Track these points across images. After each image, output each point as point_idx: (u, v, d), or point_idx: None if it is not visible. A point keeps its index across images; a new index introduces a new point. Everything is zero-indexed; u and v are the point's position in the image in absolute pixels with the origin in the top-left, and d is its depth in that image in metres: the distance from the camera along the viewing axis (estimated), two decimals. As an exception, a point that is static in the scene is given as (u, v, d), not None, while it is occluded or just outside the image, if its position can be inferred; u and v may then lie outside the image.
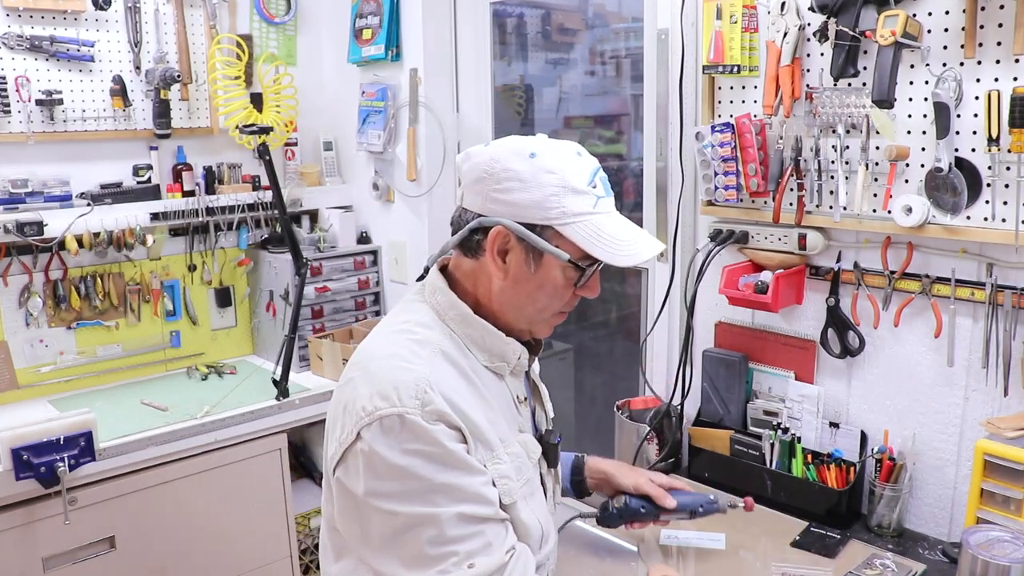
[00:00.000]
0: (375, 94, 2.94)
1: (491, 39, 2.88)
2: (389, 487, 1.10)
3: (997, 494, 1.54)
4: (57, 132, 2.59)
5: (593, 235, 1.15)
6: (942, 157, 1.62)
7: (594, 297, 1.25)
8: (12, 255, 2.52)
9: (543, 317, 1.25)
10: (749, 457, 1.98)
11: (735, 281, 1.98)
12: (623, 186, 2.71)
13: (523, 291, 1.21)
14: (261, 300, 3.05)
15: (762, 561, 1.72)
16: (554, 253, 1.16)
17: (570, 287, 1.21)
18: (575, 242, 1.15)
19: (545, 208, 1.15)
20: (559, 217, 1.15)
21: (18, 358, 2.60)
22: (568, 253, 1.16)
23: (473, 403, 1.18)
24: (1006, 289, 1.64)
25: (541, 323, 1.26)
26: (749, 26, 1.90)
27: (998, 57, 1.56)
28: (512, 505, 1.19)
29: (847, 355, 1.91)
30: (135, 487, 2.29)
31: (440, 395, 1.13)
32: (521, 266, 1.19)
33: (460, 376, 1.20)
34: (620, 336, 2.78)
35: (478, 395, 1.20)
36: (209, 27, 2.86)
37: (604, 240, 1.15)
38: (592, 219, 1.16)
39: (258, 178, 2.96)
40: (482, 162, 1.19)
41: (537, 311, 1.23)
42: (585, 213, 1.16)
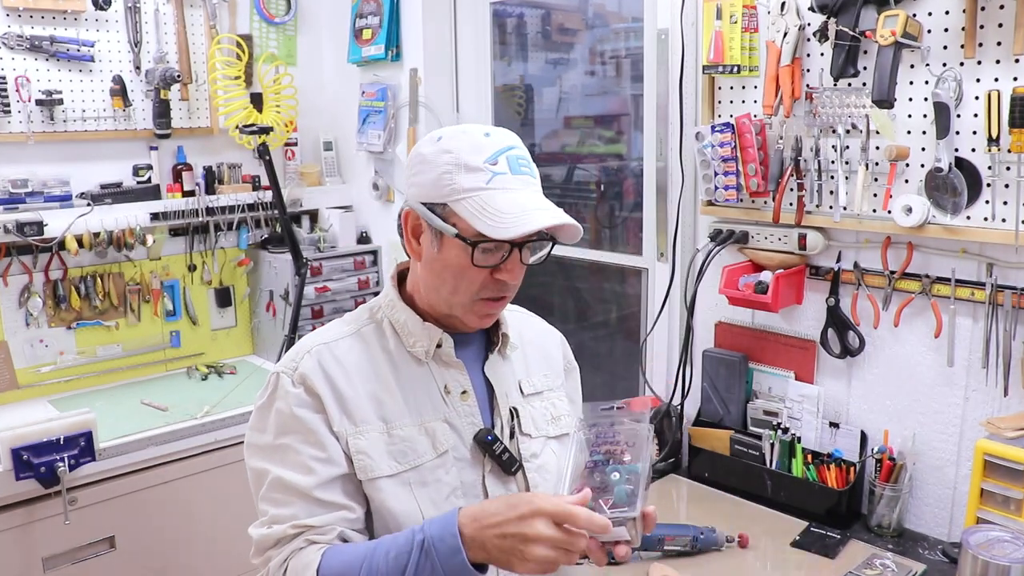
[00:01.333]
0: (375, 94, 2.94)
1: (491, 39, 2.88)
2: (250, 436, 1.24)
3: (997, 494, 1.54)
4: (57, 132, 2.59)
5: (479, 210, 1.12)
6: (942, 157, 1.62)
7: (513, 282, 1.19)
8: (12, 255, 2.52)
9: (461, 301, 1.19)
10: (749, 457, 1.98)
11: (735, 281, 1.98)
12: (623, 186, 2.71)
13: (434, 272, 1.20)
14: (261, 300, 3.05)
15: (762, 561, 1.72)
16: (443, 228, 1.15)
17: (480, 269, 1.16)
18: (463, 217, 1.13)
19: (440, 186, 1.15)
20: (451, 194, 1.14)
21: (18, 358, 2.60)
22: (458, 229, 1.14)
23: (360, 377, 1.20)
24: (1006, 289, 1.64)
25: (462, 309, 1.20)
26: (749, 26, 1.90)
27: (998, 57, 1.56)
28: (372, 484, 1.16)
29: (847, 355, 1.91)
30: (135, 487, 2.29)
31: (316, 362, 1.19)
32: (429, 247, 1.19)
33: (363, 352, 1.23)
34: (620, 336, 2.78)
35: (378, 373, 1.21)
36: (209, 27, 2.86)
37: (488, 214, 1.11)
38: (482, 194, 1.12)
39: (258, 178, 2.96)
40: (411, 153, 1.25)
41: (451, 294, 1.19)
42: (476, 189, 1.12)
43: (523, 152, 1.19)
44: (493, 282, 1.18)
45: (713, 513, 1.90)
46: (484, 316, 1.23)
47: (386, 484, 1.17)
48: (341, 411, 1.18)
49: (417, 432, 1.20)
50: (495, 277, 1.17)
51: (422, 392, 1.23)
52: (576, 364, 1.49)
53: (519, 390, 1.33)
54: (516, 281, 1.20)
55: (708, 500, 1.99)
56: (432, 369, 1.25)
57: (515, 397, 1.32)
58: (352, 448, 1.17)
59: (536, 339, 1.42)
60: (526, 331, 1.40)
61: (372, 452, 1.17)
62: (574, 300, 2.97)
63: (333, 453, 1.16)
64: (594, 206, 2.79)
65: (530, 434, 1.30)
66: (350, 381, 1.20)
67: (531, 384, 1.35)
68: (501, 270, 1.17)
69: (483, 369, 1.29)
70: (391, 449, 1.18)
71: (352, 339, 1.25)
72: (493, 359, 1.30)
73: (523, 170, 1.16)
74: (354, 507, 1.17)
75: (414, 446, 1.19)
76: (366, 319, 1.28)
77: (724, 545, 1.74)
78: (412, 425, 1.20)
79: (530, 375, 1.36)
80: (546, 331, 1.46)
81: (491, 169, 1.14)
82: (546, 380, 1.38)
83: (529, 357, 1.38)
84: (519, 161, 1.17)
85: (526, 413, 1.31)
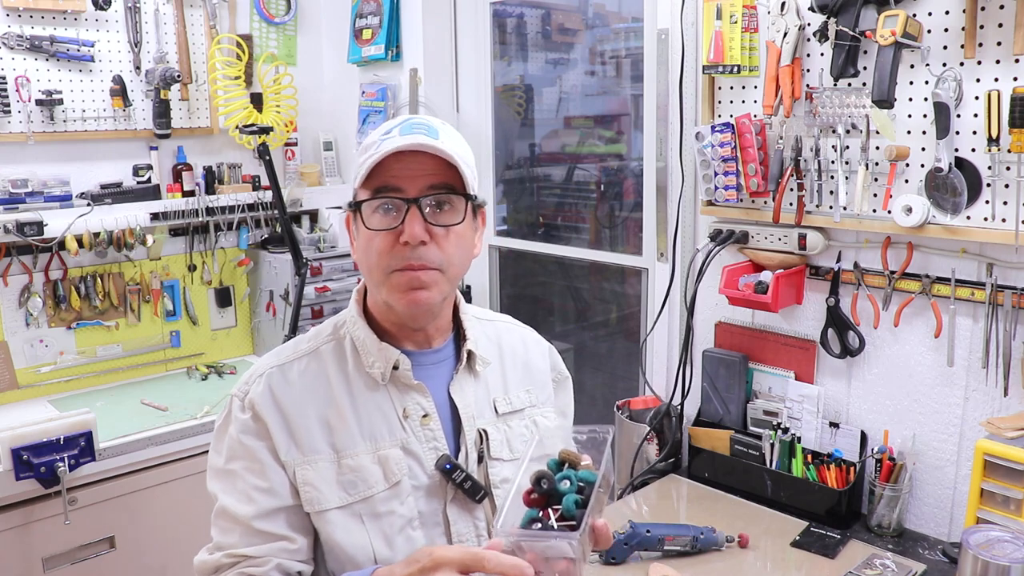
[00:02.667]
0: (375, 94, 2.94)
1: (491, 39, 2.88)
2: (209, 456, 1.21)
3: (997, 494, 1.54)
4: (57, 132, 2.59)
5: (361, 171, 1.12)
6: (942, 157, 1.62)
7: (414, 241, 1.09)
8: (12, 255, 2.52)
9: (378, 280, 1.13)
10: (749, 457, 1.98)
11: (735, 281, 1.98)
12: (623, 186, 2.71)
13: (360, 259, 1.17)
14: (261, 300, 3.05)
15: (762, 561, 1.72)
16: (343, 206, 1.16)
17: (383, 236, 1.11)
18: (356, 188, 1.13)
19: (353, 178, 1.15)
20: (356, 175, 1.13)
21: (18, 358, 2.60)
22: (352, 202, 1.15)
23: (312, 403, 1.15)
24: (1006, 289, 1.64)
25: (386, 290, 1.13)
26: (749, 26, 1.90)
27: (998, 57, 1.56)
28: (320, 516, 1.12)
29: (847, 355, 1.91)
30: (135, 487, 2.29)
31: (267, 386, 1.16)
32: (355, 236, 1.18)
33: (318, 375, 1.18)
34: (620, 336, 2.78)
35: (331, 397, 1.16)
36: (209, 27, 2.86)
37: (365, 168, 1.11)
38: (369, 160, 1.10)
39: (258, 178, 2.96)
40: None
41: (369, 274, 1.15)
42: (366, 159, 1.11)
43: (428, 120, 1.14)
44: (400, 249, 1.10)
45: (713, 513, 1.90)
46: (408, 291, 1.12)
47: (335, 516, 1.12)
48: (289, 439, 1.14)
49: (369, 461, 1.14)
50: (400, 242, 1.10)
51: (378, 417, 1.16)
52: (568, 374, 1.42)
53: (493, 409, 1.25)
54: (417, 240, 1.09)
55: (708, 500, 1.99)
56: (390, 392, 1.18)
57: (487, 417, 1.24)
58: (299, 479, 1.12)
59: (519, 351, 1.33)
60: (507, 344, 1.32)
61: (319, 483, 1.12)
62: (574, 300, 2.97)
63: (276, 484, 1.12)
64: (594, 206, 2.79)
65: (502, 457, 1.22)
66: (301, 407, 1.15)
67: (508, 402, 1.27)
68: (401, 231, 1.09)
69: (448, 390, 1.22)
70: (341, 479, 1.13)
71: (308, 359, 1.20)
72: (459, 378, 1.23)
73: (416, 130, 1.11)
74: (295, 538, 1.13)
75: (365, 476, 1.13)
76: (328, 336, 1.23)
77: (724, 545, 1.74)
78: (365, 453, 1.14)
79: (508, 392, 1.28)
80: (530, 342, 1.37)
81: (383, 139, 1.11)
82: (528, 396, 1.30)
83: (508, 372, 1.29)
84: (415, 125, 1.12)
85: (499, 435, 1.23)
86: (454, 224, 1.13)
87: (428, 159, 1.11)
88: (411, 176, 1.11)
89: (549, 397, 1.35)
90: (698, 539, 1.71)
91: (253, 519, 1.11)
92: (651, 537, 1.69)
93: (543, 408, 1.32)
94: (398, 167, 1.10)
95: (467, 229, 1.16)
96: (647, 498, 2.01)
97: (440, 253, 1.12)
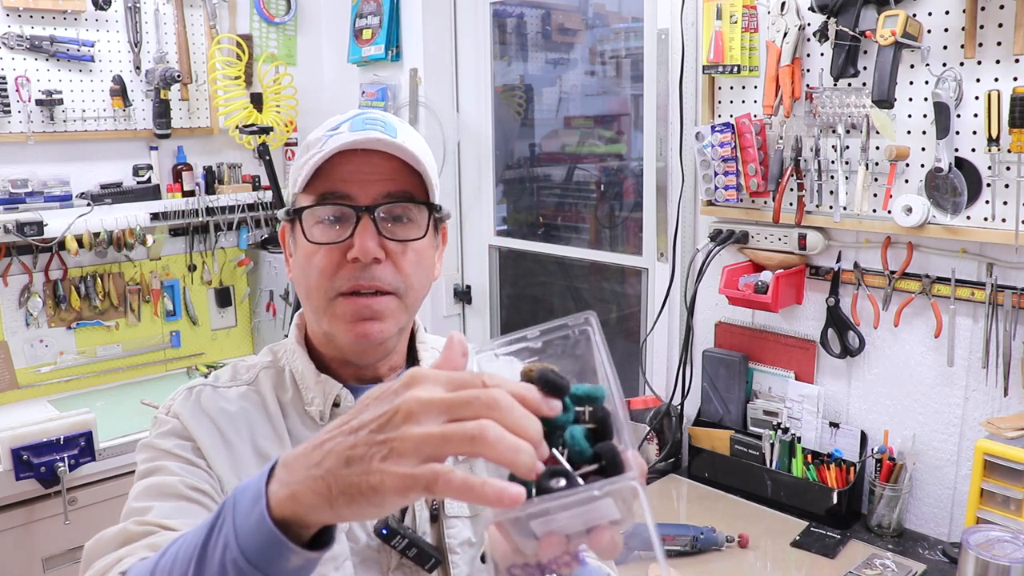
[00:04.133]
0: (375, 94, 2.94)
1: (491, 39, 2.88)
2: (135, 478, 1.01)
3: (997, 494, 1.54)
4: (57, 132, 2.59)
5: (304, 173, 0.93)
6: (942, 157, 1.62)
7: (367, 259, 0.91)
8: (12, 255, 2.52)
9: (320, 304, 0.95)
10: (749, 457, 1.98)
11: (735, 281, 1.98)
12: (623, 186, 2.71)
13: (296, 278, 0.99)
14: (261, 300, 3.05)
15: (762, 561, 1.72)
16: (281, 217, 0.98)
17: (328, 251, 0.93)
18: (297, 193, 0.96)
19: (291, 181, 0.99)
20: (294, 183, 0.96)
21: (18, 358, 2.60)
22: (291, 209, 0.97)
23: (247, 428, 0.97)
24: (1006, 289, 1.64)
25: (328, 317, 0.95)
26: (749, 26, 1.90)
27: (998, 57, 1.56)
28: None
29: (847, 355, 1.91)
30: (135, 487, 2.29)
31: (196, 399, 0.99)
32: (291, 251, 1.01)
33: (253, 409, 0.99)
34: (620, 336, 2.78)
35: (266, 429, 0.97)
36: (209, 27, 2.86)
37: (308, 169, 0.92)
38: (313, 159, 0.91)
39: (258, 178, 2.96)
40: None
41: (307, 297, 0.96)
42: (309, 158, 0.92)
43: (383, 115, 0.96)
44: (349, 268, 0.92)
45: (713, 513, 1.90)
46: (355, 321, 0.94)
47: None
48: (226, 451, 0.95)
49: None
50: (349, 259, 0.92)
51: None
52: None
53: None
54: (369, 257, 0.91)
55: (708, 500, 1.99)
56: None
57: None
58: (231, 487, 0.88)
59: None
60: None
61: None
62: (574, 300, 2.97)
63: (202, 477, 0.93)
64: (594, 206, 2.79)
65: (461, 515, 1.00)
66: (235, 426, 0.97)
67: None
68: (351, 245, 0.91)
69: None
70: None
71: (244, 391, 1.01)
72: None
73: (369, 126, 0.93)
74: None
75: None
76: (267, 363, 1.05)
77: (724, 545, 1.73)
78: None
79: None
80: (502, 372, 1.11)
81: (330, 135, 0.93)
82: None
83: None
84: (367, 121, 0.94)
85: None
86: (414, 239, 0.95)
87: (384, 160, 0.93)
88: (363, 180, 0.92)
89: None
90: (698, 539, 1.71)
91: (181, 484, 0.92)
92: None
93: None
94: (348, 169, 0.92)
95: (427, 246, 0.98)
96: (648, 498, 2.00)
97: (396, 274, 0.94)
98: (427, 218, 0.96)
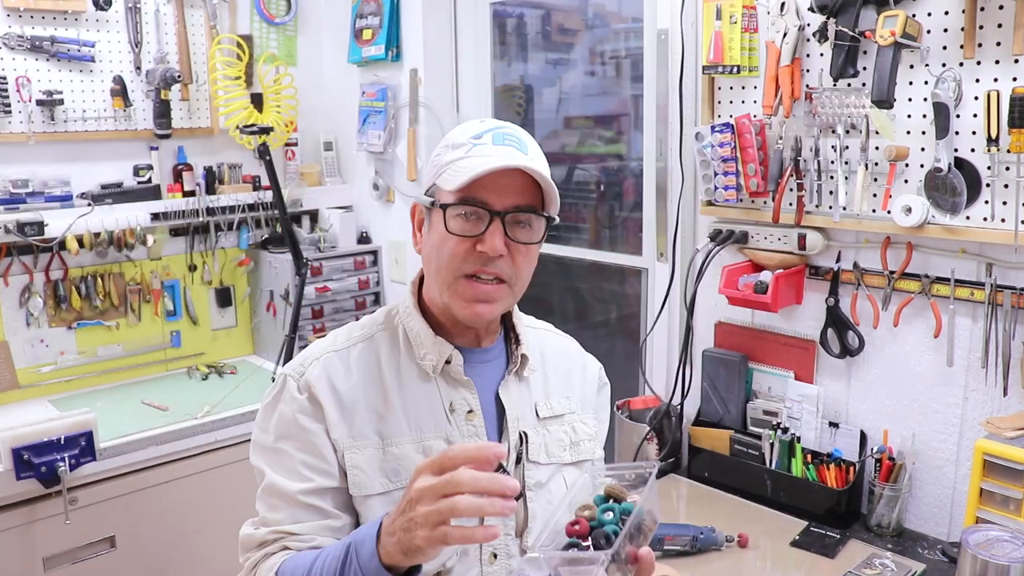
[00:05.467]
0: (375, 94, 2.94)
1: (491, 39, 2.88)
2: (255, 433, 1.22)
3: (996, 494, 1.54)
4: (58, 132, 2.59)
5: (452, 173, 1.12)
6: (941, 157, 1.62)
7: (495, 255, 1.12)
8: (13, 255, 2.52)
9: (445, 280, 1.15)
10: (749, 457, 1.98)
11: (735, 281, 1.98)
12: (623, 186, 2.71)
13: (426, 255, 1.19)
14: (261, 300, 3.05)
15: (762, 561, 1.72)
16: (424, 202, 1.17)
17: (459, 240, 1.13)
18: (441, 187, 1.14)
19: (432, 169, 1.17)
20: (437, 173, 1.16)
21: (19, 358, 2.60)
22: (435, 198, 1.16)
23: (364, 389, 1.18)
24: (1005, 289, 1.64)
25: (450, 292, 1.16)
26: (749, 26, 1.90)
27: (997, 57, 1.57)
28: (364, 502, 1.15)
29: (847, 355, 1.91)
30: (135, 487, 2.29)
31: (323, 369, 1.19)
32: (426, 233, 1.20)
33: (371, 362, 1.21)
34: (620, 336, 2.78)
35: (382, 385, 1.19)
36: (209, 27, 2.86)
37: (456, 170, 1.11)
38: (459, 163, 1.12)
39: (258, 178, 2.96)
40: None
41: (436, 273, 1.16)
42: (455, 160, 1.13)
43: (516, 131, 1.18)
44: (476, 255, 1.13)
45: (713, 513, 1.90)
46: (472, 301, 1.15)
47: (377, 502, 1.15)
48: (342, 422, 1.16)
49: (413, 450, 1.17)
50: (477, 250, 1.12)
51: (425, 408, 1.20)
52: (607, 382, 1.45)
53: (535, 413, 1.28)
54: (496, 253, 1.12)
55: (708, 500, 1.99)
56: (439, 385, 1.21)
57: (528, 421, 1.26)
58: (348, 462, 1.15)
59: (560, 360, 1.36)
60: (549, 351, 1.35)
61: (367, 468, 1.15)
62: (574, 300, 2.97)
63: (328, 463, 1.15)
64: (594, 206, 2.79)
65: (538, 461, 1.25)
66: (353, 393, 1.18)
67: (549, 407, 1.30)
68: (482, 240, 1.12)
69: (497, 390, 1.25)
70: (384, 467, 1.16)
71: (363, 346, 1.23)
72: (508, 380, 1.26)
73: (507, 141, 1.15)
74: (341, 516, 1.15)
75: (407, 465, 1.15)
76: (381, 324, 1.26)
77: (724, 545, 1.74)
78: (409, 443, 1.17)
79: (549, 397, 1.31)
80: (572, 351, 1.41)
81: (473, 142, 1.14)
82: (568, 403, 1.33)
83: (550, 378, 1.33)
84: (506, 136, 1.15)
85: (538, 439, 1.26)
86: (532, 243, 1.17)
87: (518, 175, 1.13)
88: (501, 191, 1.12)
89: (588, 405, 1.38)
90: (698, 539, 1.72)
91: (303, 495, 1.13)
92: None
93: (582, 415, 1.35)
94: (488, 179, 1.10)
95: (538, 247, 1.20)
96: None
97: (512, 267, 1.15)
98: (544, 226, 1.18)
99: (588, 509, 1.01)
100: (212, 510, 2.43)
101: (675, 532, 1.73)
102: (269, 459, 1.18)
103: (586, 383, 1.39)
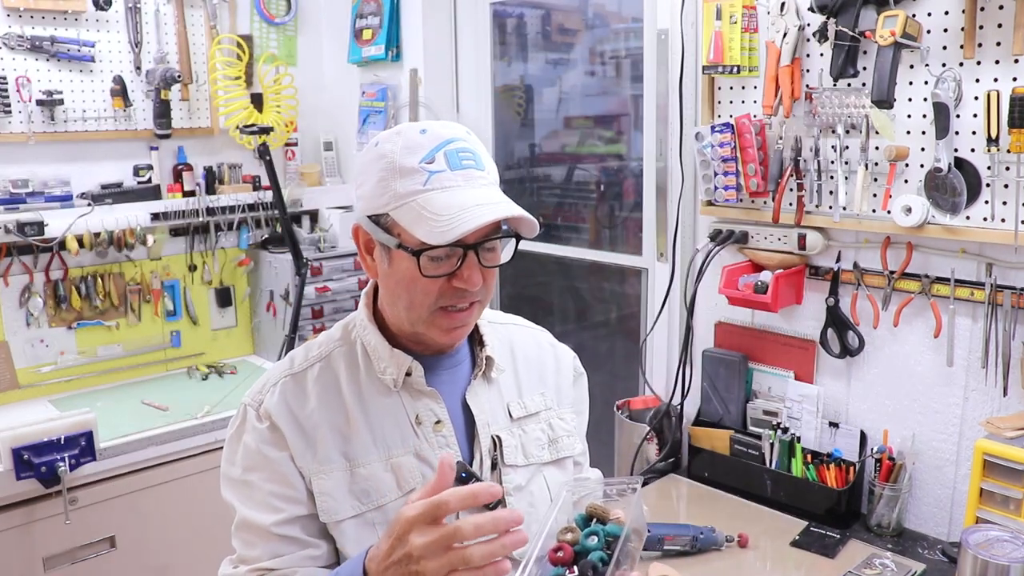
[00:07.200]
0: (375, 94, 2.94)
1: (491, 39, 2.88)
2: (223, 466, 1.19)
3: (997, 494, 1.54)
4: (58, 132, 2.59)
5: (417, 216, 1.02)
6: (941, 157, 1.62)
7: (474, 288, 1.07)
8: (13, 255, 2.52)
9: (419, 316, 1.10)
10: (749, 457, 1.98)
11: (735, 281, 1.98)
12: (623, 186, 2.71)
13: (388, 288, 1.13)
14: (261, 300, 3.05)
15: (762, 561, 1.72)
16: (386, 241, 1.08)
17: (433, 279, 1.06)
18: (404, 226, 1.04)
19: (379, 195, 1.06)
20: (389, 203, 1.05)
21: (19, 358, 2.60)
22: (401, 240, 1.06)
23: (325, 411, 1.14)
24: (1005, 289, 1.64)
25: (424, 324, 1.11)
26: (749, 26, 1.90)
27: (997, 57, 1.57)
28: (336, 527, 1.11)
29: (847, 355, 1.91)
30: (135, 487, 2.29)
31: (281, 395, 1.15)
32: (381, 261, 1.12)
33: (330, 382, 1.16)
34: (620, 336, 2.78)
35: (344, 405, 1.15)
36: (209, 27, 2.86)
37: (426, 218, 1.01)
38: (419, 198, 1.03)
39: (258, 178, 2.96)
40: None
41: (407, 309, 1.11)
42: (413, 193, 1.04)
43: (466, 143, 1.09)
44: (451, 290, 1.08)
45: (713, 513, 1.90)
46: (450, 330, 1.12)
47: (349, 526, 1.11)
48: (306, 448, 1.12)
49: (382, 469, 1.13)
50: (453, 285, 1.07)
51: (391, 424, 1.15)
52: (583, 371, 1.39)
53: (507, 414, 1.23)
54: (476, 287, 1.08)
55: (708, 500, 1.99)
56: (403, 398, 1.16)
57: (501, 423, 1.22)
58: (316, 489, 1.11)
59: (532, 355, 1.31)
60: (520, 347, 1.30)
61: (335, 493, 1.11)
62: (574, 300, 2.97)
63: (297, 490, 1.12)
64: (594, 206, 2.79)
65: (516, 464, 1.20)
66: (313, 417, 1.14)
67: (522, 406, 1.25)
68: (458, 277, 1.06)
69: (463, 396, 1.20)
70: (353, 488, 1.12)
71: (320, 366, 1.18)
72: (475, 385, 1.21)
73: (465, 164, 1.06)
74: (320, 544, 1.12)
75: (377, 485, 1.12)
76: (338, 340, 1.21)
77: (724, 545, 1.74)
78: (377, 461, 1.13)
79: (522, 396, 1.26)
80: (544, 343, 1.35)
81: (427, 168, 1.04)
82: (542, 399, 1.28)
83: (521, 376, 1.28)
84: (460, 155, 1.07)
85: (513, 441, 1.21)
86: (503, 262, 1.13)
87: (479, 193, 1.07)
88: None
89: (565, 399, 1.33)
90: (698, 539, 1.72)
91: (277, 526, 1.10)
92: (651, 537, 1.69)
93: (559, 410, 1.30)
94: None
95: None
96: (647, 498, 2.01)
97: (484, 289, 1.11)
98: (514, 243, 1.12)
99: (571, 532, 0.96)
100: (212, 510, 2.41)
101: (675, 532, 1.72)
102: (239, 493, 1.14)
103: (560, 375, 1.33)
